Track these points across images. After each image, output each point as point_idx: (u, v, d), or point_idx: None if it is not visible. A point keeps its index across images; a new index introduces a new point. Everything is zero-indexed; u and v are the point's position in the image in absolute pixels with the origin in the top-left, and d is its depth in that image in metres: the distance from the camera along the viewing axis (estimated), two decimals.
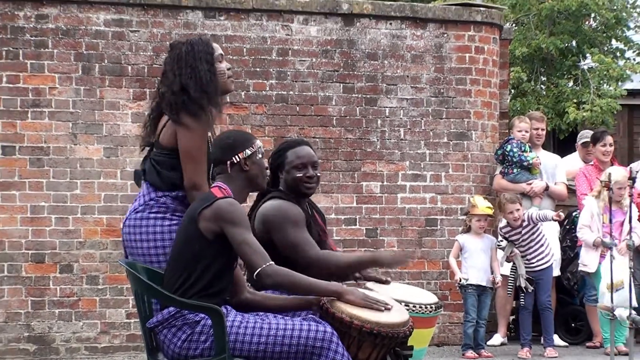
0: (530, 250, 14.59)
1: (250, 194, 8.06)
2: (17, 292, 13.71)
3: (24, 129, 13.79)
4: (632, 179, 13.20)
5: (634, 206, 14.30)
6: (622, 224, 14.52)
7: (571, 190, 15.72)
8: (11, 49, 13.75)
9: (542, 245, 14.63)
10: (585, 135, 16.90)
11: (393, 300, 7.87)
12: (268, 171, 8.10)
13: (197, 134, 7.86)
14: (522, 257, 14.51)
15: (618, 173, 14.53)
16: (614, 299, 13.72)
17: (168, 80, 8.13)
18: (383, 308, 7.37)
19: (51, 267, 13.85)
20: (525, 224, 14.36)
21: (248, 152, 7.60)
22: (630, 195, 13.59)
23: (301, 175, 8.39)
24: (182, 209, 7.88)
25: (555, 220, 14.77)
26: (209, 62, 8.12)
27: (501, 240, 14.68)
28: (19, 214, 13.74)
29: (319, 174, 8.64)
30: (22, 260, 13.74)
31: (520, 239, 14.49)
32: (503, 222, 14.67)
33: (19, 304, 13.70)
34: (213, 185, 7.65)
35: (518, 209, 14.34)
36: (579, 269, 14.88)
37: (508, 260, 14.61)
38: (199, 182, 7.78)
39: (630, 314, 7.01)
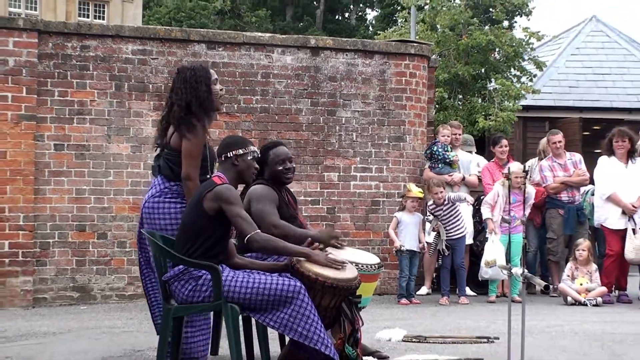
0: (450, 223, 14.68)
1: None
2: (64, 253, 13.70)
3: (71, 131, 13.80)
4: (526, 172, 13.22)
5: (532, 192, 14.79)
6: (519, 205, 14.61)
7: (481, 180, 15.74)
8: (61, 71, 13.76)
9: (458, 220, 14.74)
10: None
11: (347, 261, 7.92)
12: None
13: (193, 141, 8.12)
14: (444, 228, 14.59)
15: (515, 166, 14.68)
16: (489, 274, 14.51)
17: (177, 97, 8.41)
18: (340, 267, 7.58)
19: (90, 234, 13.85)
20: (446, 203, 14.53)
21: (240, 152, 7.92)
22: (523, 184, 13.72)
23: (281, 168, 8.76)
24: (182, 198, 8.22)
25: (468, 202, 14.82)
26: (207, 85, 8.40)
27: (429, 216, 14.79)
28: (66, 195, 13.74)
29: (294, 166, 9.05)
30: (69, 230, 13.74)
31: (443, 215, 14.62)
32: (430, 202, 14.73)
33: (66, 262, 13.70)
34: (214, 174, 7.88)
35: (442, 191, 14.59)
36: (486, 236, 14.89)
37: (433, 230, 14.72)
38: (192, 175, 8.12)
39: (523, 272, 7.06)
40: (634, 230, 14.74)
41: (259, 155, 8.33)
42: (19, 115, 13.50)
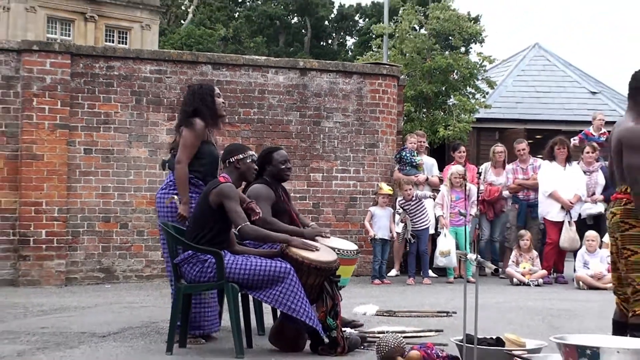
0: (416, 217, 14.74)
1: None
2: (92, 240, 13.65)
3: (98, 138, 13.75)
4: (479, 173, 13.29)
5: (473, 189, 14.82)
6: (462, 201, 14.71)
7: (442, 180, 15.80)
8: (90, 87, 13.72)
9: (423, 213, 14.81)
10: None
11: (329, 247, 7.99)
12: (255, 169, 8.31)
13: (189, 139, 8.32)
14: (410, 220, 14.59)
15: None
16: (443, 262, 14.88)
17: (185, 106, 8.53)
18: (315, 249, 7.73)
19: (114, 225, 13.80)
20: (414, 199, 14.55)
21: (240, 156, 7.95)
22: (479, 184, 13.71)
23: (283, 167, 8.78)
24: (192, 188, 8.34)
25: (431, 198, 14.89)
26: (211, 97, 8.57)
27: (399, 209, 14.75)
28: (94, 192, 13.70)
29: (291, 167, 9.11)
30: (96, 220, 13.69)
31: (410, 209, 14.68)
32: (400, 198, 14.76)
33: (93, 248, 13.65)
34: (220, 175, 7.93)
35: (410, 189, 14.73)
36: None
37: (402, 222, 14.69)
38: (182, 161, 8.30)
39: (476, 257, 7.06)
40: (569, 223, 14.92)
41: (263, 156, 8.57)
42: (54, 124, 13.46)
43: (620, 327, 6.87)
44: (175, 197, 8.24)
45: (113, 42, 49.62)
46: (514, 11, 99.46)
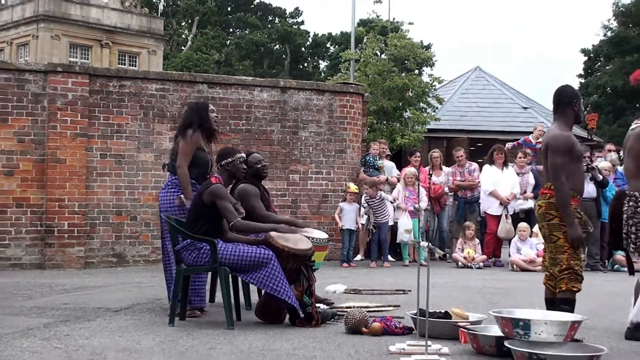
0: (378, 211, 14.70)
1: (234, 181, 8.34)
2: (107, 230, 13.60)
3: (112, 145, 13.70)
4: (430, 175, 13.32)
5: (422, 188, 14.90)
6: (414, 197, 14.75)
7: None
8: (105, 102, 13.68)
9: (384, 209, 14.79)
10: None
11: (304, 237, 8.00)
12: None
13: (184, 147, 8.30)
14: (373, 214, 14.60)
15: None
16: (406, 237, 14.79)
17: (184, 121, 8.55)
18: (299, 234, 7.92)
19: (125, 217, 13.75)
20: (377, 196, 14.51)
21: (229, 159, 8.00)
22: (428, 184, 13.79)
23: (259, 166, 8.80)
24: (191, 188, 8.26)
25: (391, 200, 14.98)
26: (205, 112, 8.57)
27: (364, 204, 14.75)
28: (108, 190, 13.63)
29: (266, 164, 9.22)
30: (110, 214, 13.64)
31: (373, 205, 14.64)
32: (365, 195, 14.75)
33: (107, 237, 13.61)
34: (213, 175, 7.99)
35: (373, 189, 14.71)
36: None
37: (366, 215, 14.69)
38: (182, 165, 8.25)
39: (427, 244, 7.07)
40: (506, 216, 15.02)
41: (245, 159, 8.43)
42: (75, 133, 13.39)
43: (552, 303, 6.90)
44: (182, 196, 8.24)
45: (124, 64, 49.52)
46: (459, 39, 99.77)
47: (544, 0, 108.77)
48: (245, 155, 8.43)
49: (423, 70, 28.56)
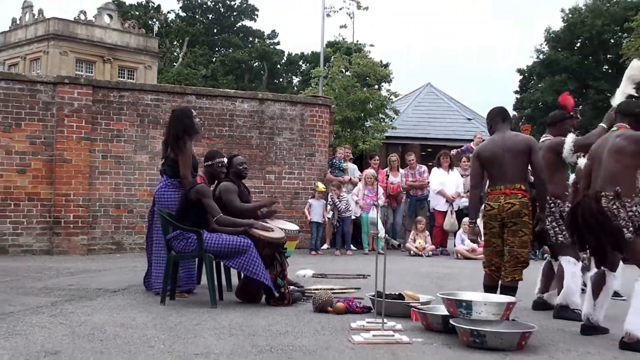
0: (343, 206, 14.67)
1: (217, 181, 8.36)
2: (107, 221, 13.54)
3: (112, 147, 13.62)
4: (387, 175, 13.36)
5: (380, 187, 14.88)
6: (373, 195, 14.79)
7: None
8: (106, 110, 13.65)
9: (347, 205, 14.80)
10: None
11: (279, 228, 8.02)
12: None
13: (183, 157, 8.18)
14: (337, 209, 14.60)
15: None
16: (370, 229, 14.48)
17: (172, 128, 8.46)
18: (271, 229, 7.88)
19: (123, 210, 13.68)
20: (343, 196, 14.59)
21: (210, 162, 8.17)
22: (386, 183, 13.83)
23: (241, 167, 8.74)
24: (180, 188, 8.24)
25: (354, 201, 14.96)
26: (189, 117, 8.42)
27: (330, 201, 14.72)
28: (108, 186, 13.55)
29: (247, 166, 9.08)
30: (110, 207, 13.57)
31: (339, 201, 14.58)
32: (331, 193, 14.75)
33: (107, 227, 13.59)
34: (198, 175, 7.94)
35: (339, 187, 14.68)
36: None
37: (332, 210, 14.69)
38: (187, 175, 8.06)
39: (384, 236, 7.12)
40: (451, 212, 15.16)
41: (226, 163, 8.42)
42: (80, 137, 13.29)
43: (491, 289, 6.91)
44: None
45: (124, 77, 49.33)
46: (413, 59, 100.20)
47: (487, 27, 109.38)
48: (226, 160, 8.45)
49: (382, 86, 28.60)
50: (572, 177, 8.09)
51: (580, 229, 6.23)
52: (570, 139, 7.11)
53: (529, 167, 6.93)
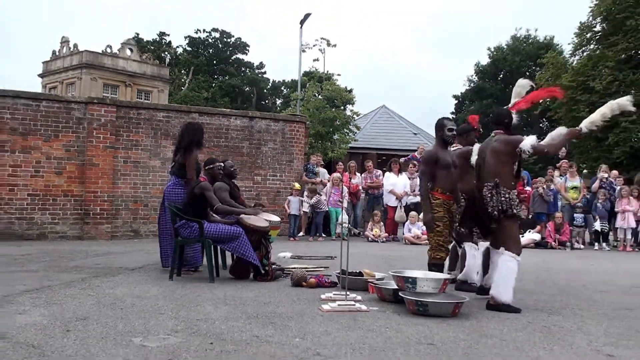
0: (318, 202, 14.62)
1: (216, 181, 8.15)
2: (127, 213, 13.43)
3: (131, 154, 13.54)
4: (350, 178, 13.28)
5: (344, 187, 14.78)
6: (338, 194, 14.78)
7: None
8: (127, 125, 13.52)
9: (320, 202, 14.71)
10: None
11: (264, 219, 7.95)
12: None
13: (189, 162, 8.10)
14: (311, 205, 14.57)
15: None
16: (340, 220, 14.10)
17: (184, 139, 8.35)
18: (259, 220, 7.81)
19: (140, 204, 13.59)
20: (318, 195, 14.57)
21: (211, 166, 7.92)
22: (349, 185, 13.81)
23: (232, 169, 8.61)
24: (186, 186, 8.13)
25: (323, 199, 14.92)
26: (201, 133, 8.35)
27: (305, 198, 14.73)
28: (128, 185, 13.48)
29: (237, 168, 9.18)
30: (129, 202, 13.48)
31: (312, 199, 14.52)
32: (306, 192, 14.74)
33: (127, 218, 13.47)
34: (200, 176, 7.81)
35: (315, 188, 14.57)
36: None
37: (308, 204, 14.64)
38: (193, 177, 7.98)
39: (348, 225, 7.16)
40: (400, 207, 15.22)
41: (223, 166, 8.42)
42: (105, 146, 13.20)
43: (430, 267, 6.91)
44: None
45: (141, 98, 48.96)
46: (371, 85, 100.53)
47: (431, 61, 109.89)
48: (223, 164, 8.46)
49: (346, 107, 28.68)
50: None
51: (475, 214, 6.56)
52: (530, 141, 6.82)
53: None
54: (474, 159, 6.75)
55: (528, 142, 6.07)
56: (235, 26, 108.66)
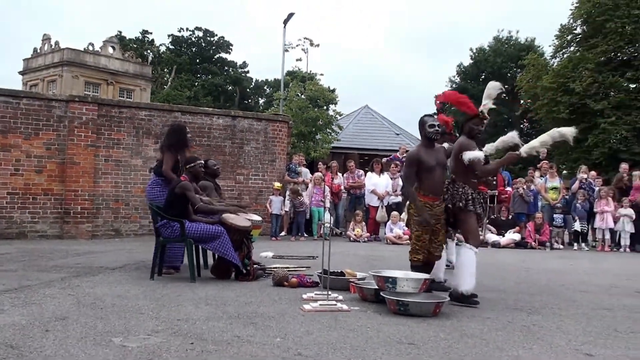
0: (297, 203, 14.61)
1: (198, 180, 8.11)
2: (108, 212, 13.35)
3: (112, 153, 13.44)
4: (333, 178, 13.29)
5: (326, 187, 14.80)
6: (320, 193, 14.82)
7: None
8: (109, 123, 13.41)
9: (302, 202, 14.67)
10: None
11: (246, 218, 7.95)
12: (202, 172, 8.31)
13: (167, 159, 8.11)
14: (293, 204, 14.58)
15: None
16: (322, 220, 14.07)
17: (166, 139, 8.33)
18: (240, 218, 7.78)
19: (121, 204, 13.50)
20: (300, 195, 14.52)
21: (192, 165, 7.83)
22: (331, 185, 13.82)
23: (215, 168, 8.68)
24: (166, 185, 8.10)
25: (304, 196, 14.93)
26: (185, 134, 8.40)
27: (287, 198, 14.74)
28: (109, 184, 13.38)
29: (220, 167, 9.23)
30: (110, 201, 13.37)
31: (294, 198, 14.51)
32: (288, 191, 14.73)
33: (108, 217, 13.39)
34: (182, 175, 7.75)
35: (297, 189, 14.64)
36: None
37: (290, 203, 14.67)
38: (167, 170, 8.04)
39: (330, 225, 7.18)
40: (382, 207, 15.27)
41: (203, 164, 8.37)
42: (86, 144, 13.09)
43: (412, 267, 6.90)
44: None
45: (123, 97, 48.68)
46: (354, 85, 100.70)
47: (413, 61, 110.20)
48: (203, 162, 8.42)
49: (329, 107, 28.70)
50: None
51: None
52: (471, 155, 6.89)
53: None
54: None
55: (470, 155, 6.41)
56: (218, 25, 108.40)
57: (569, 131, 6.39)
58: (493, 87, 6.95)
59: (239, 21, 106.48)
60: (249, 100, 67.25)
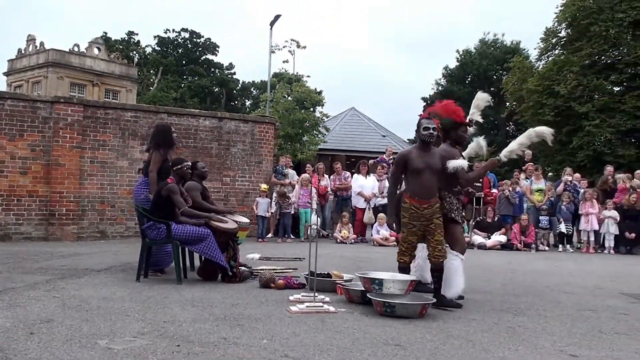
0: (283, 204, 14.61)
1: (184, 182, 8.11)
2: (93, 214, 13.26)
3: (98, 155, 13.35)
4: (319, 180, 13.30)
5: (313, 189, 14.84)
6: (308, 195, 14.80)
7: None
8: (94, 124, 13.35)
9: (290, 202, 14.65)
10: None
11: (233, 220, 7.95)
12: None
13: (155, 160, 8.07)
14: (279, 206, 14.56)
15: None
16: (309, 221, 14.01)
17: (153, 139, 8.26)
18: (226, 221, 7.80)
19: (106, 205, 13.41)
20: (287, 196, 14.51)
21: (179, 166, 7.86)
22: (317, 187, 13.83)
23: (204, 170, 8.61)
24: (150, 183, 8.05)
25: (292, 197, 14.93)
26: (170, 134, 8.33)
27: (274, 199, 14.70)
28: (95, 186, 13.30)
29: (207, 170, 9.00)
30: (96, 203, 13.30)
31: (280, 200, 14.50)
32: (275, 193, 14.70)
33: (94, 218, 13.30)
34: (170, 177, 7.72)
35: (284, 192, 14.70)
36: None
37: (276, 205, 14.65)
38: (153, 170, 8.04)
39: (317, 227, 7.20)
40: (369, 209, 15.32)
41: (190, 167, 8.32)
42: (72, 146, 13.00)
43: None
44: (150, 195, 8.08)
45: (109, 98, 48.50)
46: (341, 87, 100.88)
47: (400, 64, 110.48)
48: (190, 164, 8.39)
49: (316, 109, 28.73)
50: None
51: None
52: (456, 164, 6.83)
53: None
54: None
55: (455, 164, 6.41)
56: (205, 27, 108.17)
57: (546, 130, 6.46)
58: (482, 99, 7.01)
59: (225, 23, 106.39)
60: (236, 102, 67.16)
